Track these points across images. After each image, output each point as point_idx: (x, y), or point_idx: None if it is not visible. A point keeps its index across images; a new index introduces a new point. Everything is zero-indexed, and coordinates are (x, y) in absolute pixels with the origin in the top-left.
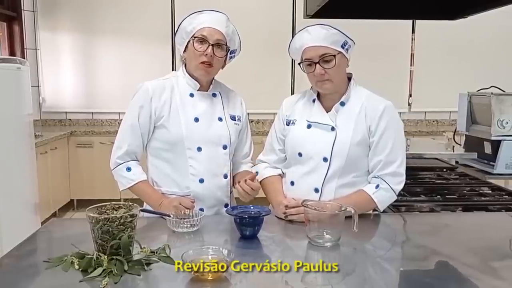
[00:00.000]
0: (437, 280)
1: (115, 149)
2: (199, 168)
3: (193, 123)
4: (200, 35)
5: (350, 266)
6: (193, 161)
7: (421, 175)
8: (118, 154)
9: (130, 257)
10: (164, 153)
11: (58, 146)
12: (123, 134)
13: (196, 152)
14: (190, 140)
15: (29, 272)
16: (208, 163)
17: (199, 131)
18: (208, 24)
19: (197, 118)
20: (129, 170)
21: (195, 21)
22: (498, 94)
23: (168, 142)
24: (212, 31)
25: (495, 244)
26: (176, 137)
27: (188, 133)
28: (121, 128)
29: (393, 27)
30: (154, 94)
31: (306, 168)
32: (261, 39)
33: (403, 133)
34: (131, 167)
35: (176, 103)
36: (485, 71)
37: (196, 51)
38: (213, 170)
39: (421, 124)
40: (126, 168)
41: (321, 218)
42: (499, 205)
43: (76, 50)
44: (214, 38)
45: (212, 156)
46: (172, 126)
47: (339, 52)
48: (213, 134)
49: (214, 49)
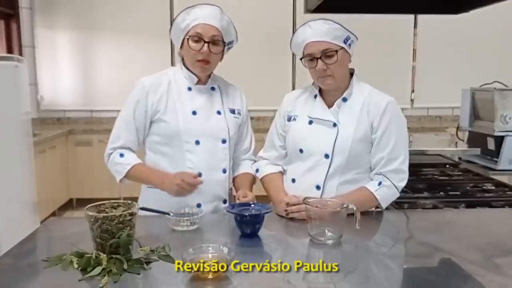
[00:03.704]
0: (440, 277)
1: (109, 143)
2: (197, 162)
3: (190, 116)
4: (194, 33)
5: (352, 263)
6: (190, 154)
7: (424, 172)
8: (110, 146)
9: (130, 256)
10: (161, 147)
11: (56, 145)
12: (118, 129)
13: (194, 146)
14: (188, 133)
15: (28, 271)
16: (207, 157)
17: (196, 124)
18: (202, 20)
19: (194, 111)
20: (122, 156)
21: (189, 17)
22: (501, 90)
23: (165, 135)
24: (207, 27)
25: (498, 241)
26: (173, 130)
27: (185, 126)
28: (116, 123)
29: (395, 22)
30: (150, 89)
31: (307, 165)
32: (261, 35)
33: (406, 130)
34: (124, 153)
35: (173, 97)
36: (488, 66)
37: (192, 50)
38: (211, 164)
39: (424, 120)
40: (119, 154)
41: (322, 216)
42: (503, 201)
43: (74, 48)
44: (209, 35)
45: (210, 150)
46: (169, 120)
47: (341, 47)
48: (211, 127)
49: (210, 46)
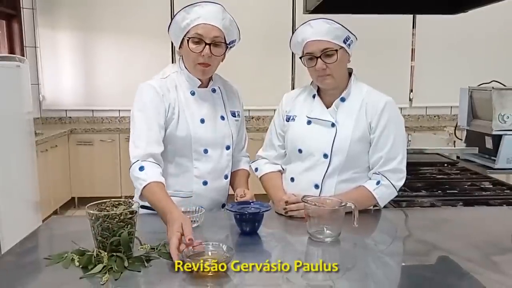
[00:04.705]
0: (438, 275)
1: (130, 151)
2: (204, 170)
3: (199, 125)
4: (195, 34)
5: (351, 261)
6: (198, 163)
7: (422, 170)
8: (133, 155)
9: (130, 253)
10: (169, 155)
11: (58, 144)
12: (139, 136)
13: (203, 155)
14: (198, 142)
15: (30, 269)
16: (213, 165)
17: (205, 132)
18: (203, 20)
19: (202, 119)
20: (142, 169)
21: (189, 16)
22: (499, 89)
23: (174, 144)
24: (208, 28)
25: (496, 239)
26: (184, 140)
27: (195, 135)
28: (136, 129)
29: (393, 22)
30: (164, 94)
31: (306, 165)
32: (261, 34)
33: (404, 129)
34: (145, 166)
35: (182, 104)
36: (486, 66)
37: (192, 52)
38: (216, 172)
39: (422, 119)
40: (139, 167)
41: (321, 214)
42: (500, 200)
43: (76, 48)
44: (210, 36)
45: (216, 158)
46: (180, 129)
47: (341, 47)
48: (218, 135)
49: (211, 48)
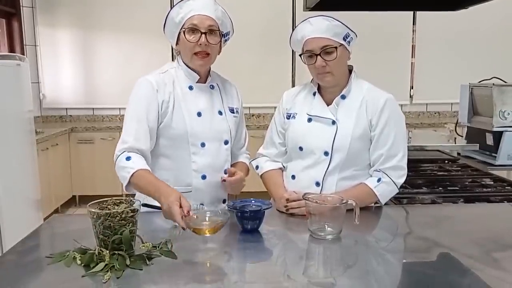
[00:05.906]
0: (439, 272)
1: (118, 145)
2: (202, 164)
3: (196, 118)
4: (190, 24)
5: (352, 258)
6: (196, 157)
7: (423, 167)
8: (119, 148)
9: (132, 252)
10: (166, 149)
11: (59, 143)
12: (128, 129)
13: (200, 148)
14: (194, 136)
15: (31, 268)
16: (211, 159)
17: (202, 126)
18: (197, 11)
19: (199, 112)
20: (129, 159)
21: (182, 10)
22: (500, 85)
23: (171, 138)
24: (202, 18)
25: (497, 235)
26: (181, 133)
27: (192, 128)
28: (126, 124)
29: (394, 19)
30: (159, 88)
31: (307, 162)
32: (261, 32)
33: (405, 126)
34: (131, 156)
35: (178, 97)
36: (486, 62)
37: (189, 42)
38: (215, 166)
39: (423, 116)
40: (126, 157)
41: (322, 211)
42: (501, 196)
43: (76, 46)
44: (205, 25)
45: (214, 152)
46: (177, 122)
47: (341, 44)
48: (215, 129)
49: (207, 36)
